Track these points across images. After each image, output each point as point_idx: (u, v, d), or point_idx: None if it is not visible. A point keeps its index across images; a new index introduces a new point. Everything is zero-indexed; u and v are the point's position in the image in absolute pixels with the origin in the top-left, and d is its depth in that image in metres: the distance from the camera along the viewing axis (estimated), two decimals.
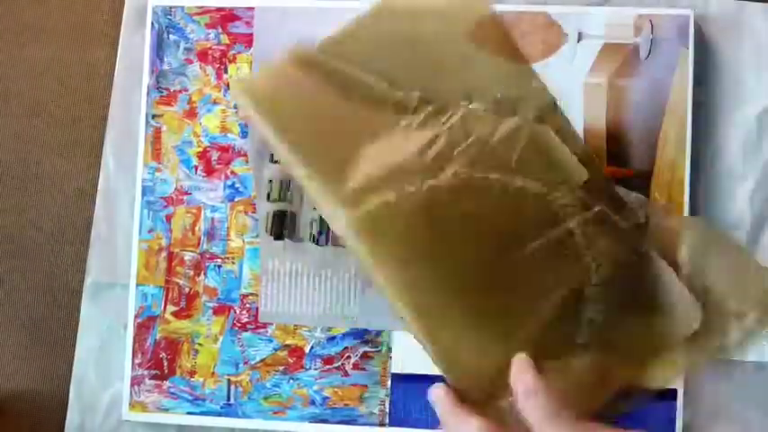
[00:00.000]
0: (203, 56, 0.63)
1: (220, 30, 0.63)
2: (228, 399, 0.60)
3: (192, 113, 0.62)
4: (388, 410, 0.59)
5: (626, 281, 0.49)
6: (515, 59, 0.53)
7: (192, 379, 0.60)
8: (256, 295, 0.61)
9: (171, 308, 0.61)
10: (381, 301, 0.53)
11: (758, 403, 0.57)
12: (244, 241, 0.61)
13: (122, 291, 0.62)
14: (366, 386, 0.60)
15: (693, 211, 0.58)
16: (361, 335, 0.60)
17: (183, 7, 0.63)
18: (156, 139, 0.62)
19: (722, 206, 0.59)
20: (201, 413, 0.60)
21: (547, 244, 0.48)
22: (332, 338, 0.60)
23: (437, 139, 0.49)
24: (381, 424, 0.59)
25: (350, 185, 0.48)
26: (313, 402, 0.60)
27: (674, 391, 0.57)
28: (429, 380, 0.58)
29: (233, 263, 0.61)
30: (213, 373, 0.60)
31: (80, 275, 0.63)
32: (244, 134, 0.62)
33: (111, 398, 0.61)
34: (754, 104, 0.60)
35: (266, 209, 0.61)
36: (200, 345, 0.61)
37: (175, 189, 0.62)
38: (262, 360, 0.60)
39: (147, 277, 0.61)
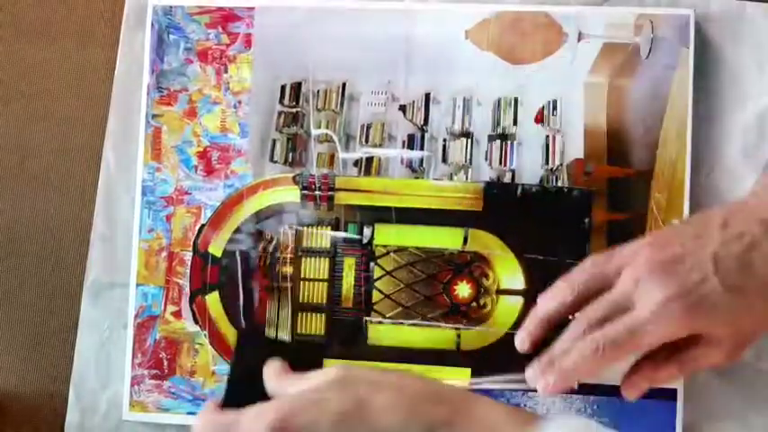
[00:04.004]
0: (203, 56, 0.63)
1: (220, 30, 0.63)
2: None
3: (192, 113, 0.62)
4: None
5: None
6: None
7: (192, 379, 0.60)
8: None
9: (171, 308, 0.61)
10: None
11: (758, 403, 0.57)
12: None
13: (122, 290, 0.62)
14: None
15: (693, 211, 0.58)
16: None
17: (183, 7, 0.63)
18: (156, 139, 0.62)
19: None
20: None
21: None
22: None
23: None
24: None
25: None
26: None
27: (674, 391, 0.57)
28: None
29: None
30: (213, 372, 0.60)
31: (80, 275, 0.63)
32: (244, 134, 0.62)
33: (111, 398, 0.61)
34: (754, 104, 0.60)
35: None
36: (200, 344, 0.61)
37: (175, 189, 0.62)
38: None
39: (147, 277, 0.61)
